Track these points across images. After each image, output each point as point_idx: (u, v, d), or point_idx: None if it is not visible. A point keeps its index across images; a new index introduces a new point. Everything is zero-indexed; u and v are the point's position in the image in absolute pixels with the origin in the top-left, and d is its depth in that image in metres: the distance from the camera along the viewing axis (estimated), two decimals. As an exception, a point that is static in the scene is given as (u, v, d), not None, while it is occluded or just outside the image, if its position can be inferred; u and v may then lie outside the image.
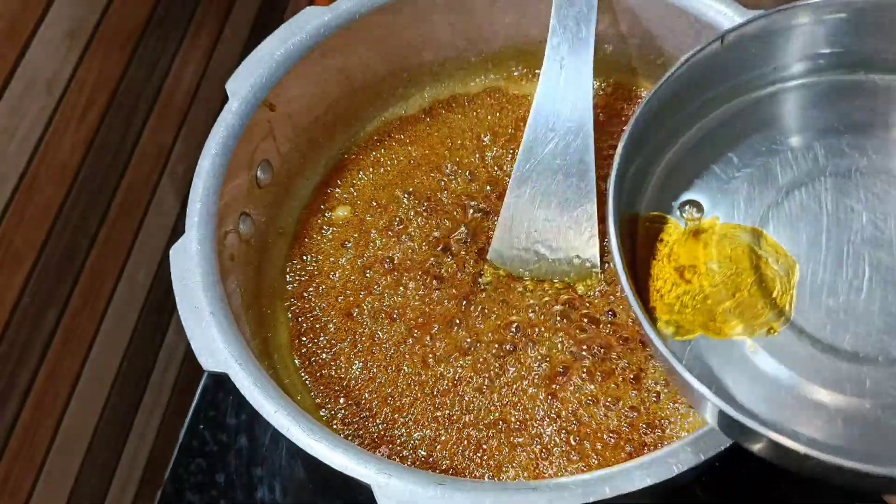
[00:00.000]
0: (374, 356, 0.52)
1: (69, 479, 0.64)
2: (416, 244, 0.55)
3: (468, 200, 0.57)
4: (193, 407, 0.63)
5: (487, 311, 0.52)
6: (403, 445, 0.49)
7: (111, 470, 0.69)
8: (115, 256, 0.67)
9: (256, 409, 0.43)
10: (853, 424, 0.35)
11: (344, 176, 0.59)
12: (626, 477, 0.39)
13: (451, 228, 0.56)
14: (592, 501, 0.39)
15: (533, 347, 0.51)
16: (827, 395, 0.35)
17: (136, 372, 0.71)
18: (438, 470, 0.48)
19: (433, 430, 0.49)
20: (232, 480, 0.60)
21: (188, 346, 0.45)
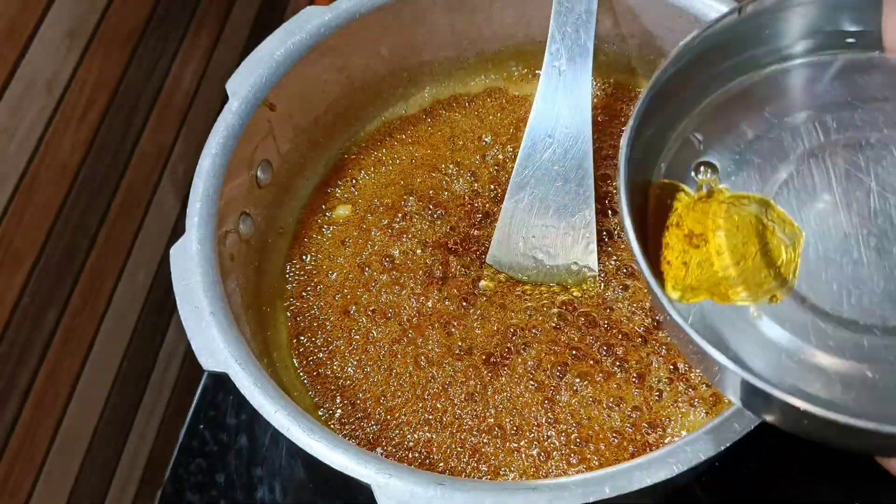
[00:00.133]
0: (368, 354, 0.52)
1: (69, 479, 0.64)
2: (416, 243, 0.55)
3: (470, 200, 0.57)
4: (193, 407, 0.63)
5: (485, 314, 0.52)
6: (397, 447, 0.49)
7: (111, 470, 0.69)
8: (115, 256, 0.67)
9: (256, 408, 0.43)
10: (851, 388, 0.35)
11: (344, 176, 0.59)
12: (626, 477, 0.39)
13: (452, 228, 0.56)
14: (592, 501, 0.39)
15: (529, 351, 0.51)
16: (827, 359, 0.36)
17: (136, 372, 0.71)
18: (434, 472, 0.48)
19: (426, 433, 0.49)
20: (232, 480, 0.60)
21: (188, 346, 0.45)
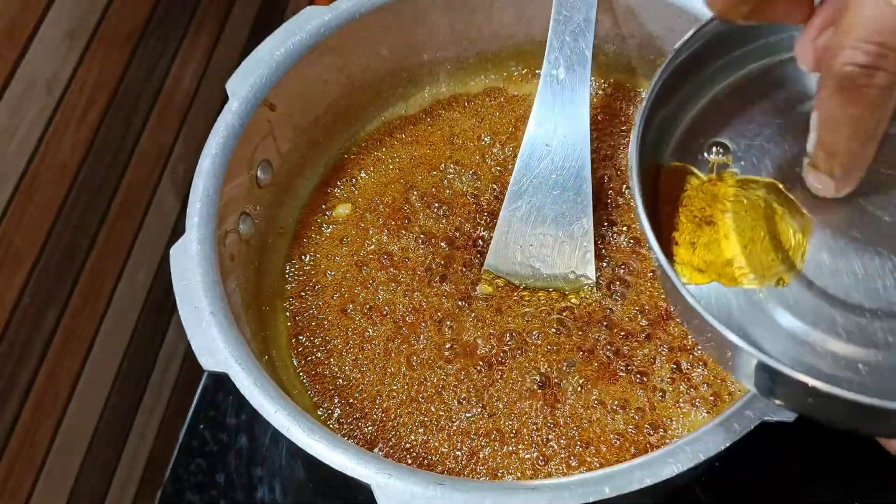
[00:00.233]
0: (364, 353, 0.52)
1: (69, 479, 0.64)
2: (417, 241, 0.55)
3: (475, 199, 0.57)
4: (193, 407, 0.63)
5: (480, 317, 0.52)
6: (394, 448, 0.49)
7: (111, 470, 0.69)
8: (115, 256, 0.67)
9: (256, 408, 0.43)
10: (859, 370, 0.36)
11: (344, 175, 0.59)
12: (625, 477, 0.39)
13: (452, 227, 0.56)
14: (592, 501, 0.39)
15: (526, 355, 0.51)
16: (834, 343, 0.36)
17: (136, 372, 0.71)
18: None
19: (422, 435, 0.49)
20: (232, 480, 0.60)
21: (188, 346, 0.45)
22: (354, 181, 0.59)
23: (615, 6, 0.56)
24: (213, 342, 0.44)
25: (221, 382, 0.63)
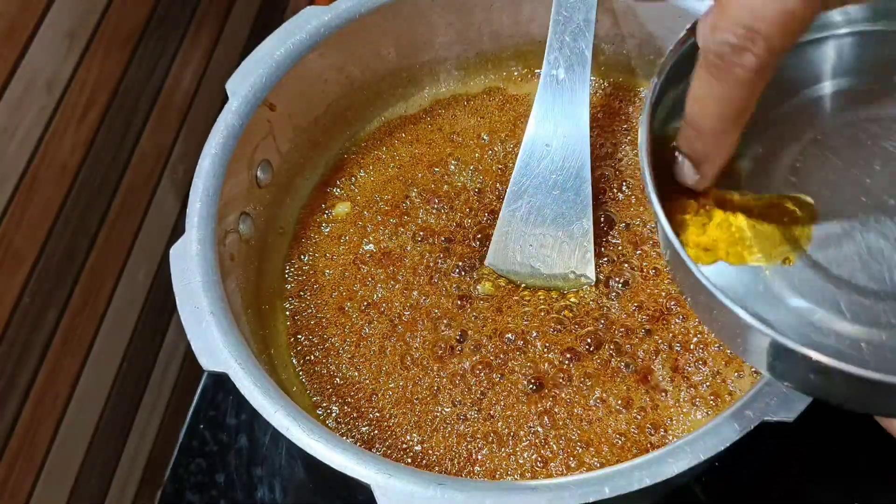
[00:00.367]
0: (360, 351, 0.52)
1: (69, 479, 0.64)
2: (416, 238, 0.55)
3: (473, 196, 0.57)
4: (193, 407, 0.63)
5: (480, 318, 0.52)
6: (392, 448, 0.49)
7: (111, 470, 0.70)
8: (115, 256, 0.67)
9: (256, 409, 0.43)
10: (863, 350, 0.36)
11: (344, 175, 0.59)
12: (625, 477, 0.39)
13: (452, 223, 0.56)
14: (592, 501, 0.39)
15: (525, 356, 0.51)
16: (839, 323, 0.37)
17: (136, 372, 0.71)
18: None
19: (417, 435, 0.49)
20: (232, 480, 0.60)
21: (188, 346, 0.45)
22: (354, 180, 0.59)
23: (615, 6, 0.56)
24: (213, 342, 0.44)
25: (221, 382, 0.63)
